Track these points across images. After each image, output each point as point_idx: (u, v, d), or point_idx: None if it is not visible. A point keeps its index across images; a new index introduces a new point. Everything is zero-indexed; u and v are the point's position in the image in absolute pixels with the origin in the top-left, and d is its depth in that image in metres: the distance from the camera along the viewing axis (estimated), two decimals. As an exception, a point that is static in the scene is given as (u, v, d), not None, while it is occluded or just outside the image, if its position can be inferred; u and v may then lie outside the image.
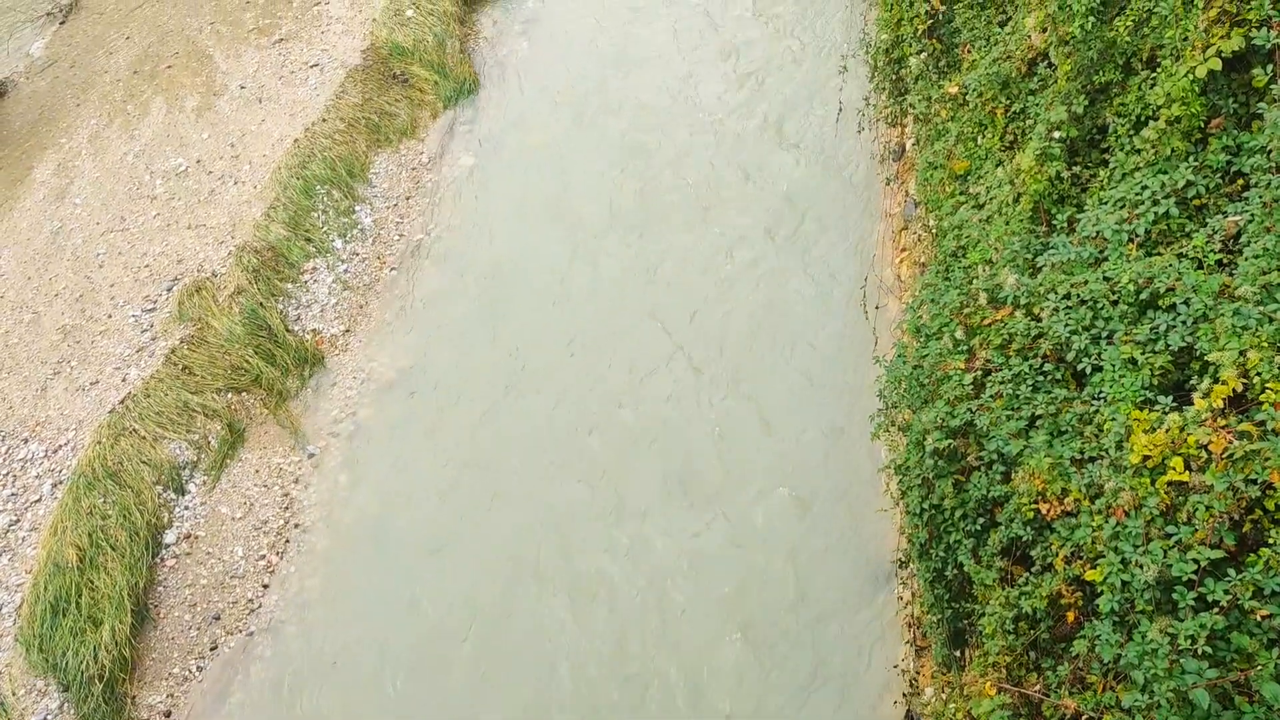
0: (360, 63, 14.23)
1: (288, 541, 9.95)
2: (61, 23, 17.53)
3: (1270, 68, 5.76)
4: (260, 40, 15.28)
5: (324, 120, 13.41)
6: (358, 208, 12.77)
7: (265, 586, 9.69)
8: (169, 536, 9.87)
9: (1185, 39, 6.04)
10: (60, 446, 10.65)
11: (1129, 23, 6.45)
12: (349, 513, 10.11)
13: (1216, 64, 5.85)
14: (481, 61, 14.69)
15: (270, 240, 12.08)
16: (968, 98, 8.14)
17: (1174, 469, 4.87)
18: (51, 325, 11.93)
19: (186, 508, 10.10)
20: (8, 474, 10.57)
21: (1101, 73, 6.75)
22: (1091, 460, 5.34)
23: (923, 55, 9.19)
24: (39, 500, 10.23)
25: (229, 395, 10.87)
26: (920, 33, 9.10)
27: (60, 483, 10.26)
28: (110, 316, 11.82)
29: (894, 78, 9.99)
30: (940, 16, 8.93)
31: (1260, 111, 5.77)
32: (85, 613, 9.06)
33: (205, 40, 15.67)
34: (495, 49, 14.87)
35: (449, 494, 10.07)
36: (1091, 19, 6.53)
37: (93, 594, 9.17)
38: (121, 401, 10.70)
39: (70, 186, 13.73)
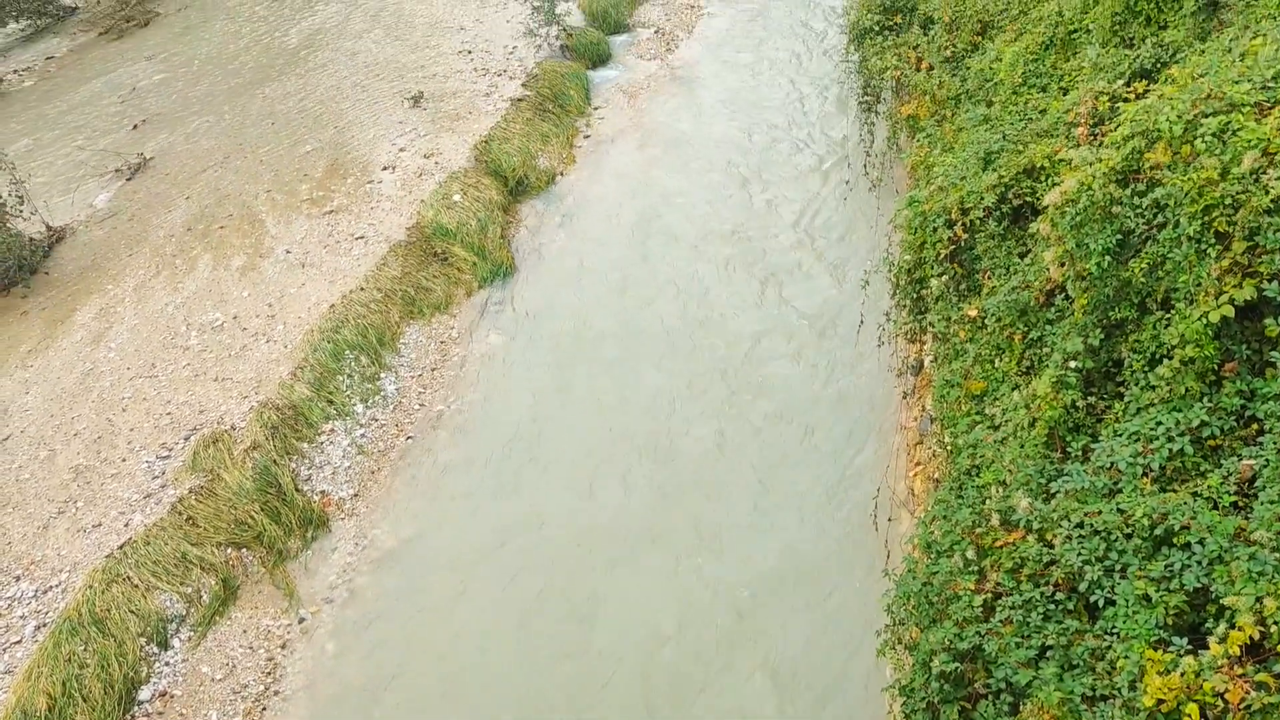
0: (404, 239, 14.85)
1: (264, 709, 9.57)
2: (128, 179, 18.54)
3: (1282, 318, 5.91)
4: (312, 210, 16.03)
5: (362, 289, 13.87)
6: (383, 375, 13.01)
7: (234, 756, 9.26)
8: (144, 693, 9.52)
9: (1198, 284, 6.24)
10: (51, 587, 10.47)
11: (1144, 265, 6.68)
12: (332, 684, 9.76)
13: (1229, 311, 6.01)
14: (520, 248, 15.30)
15: (293, 399, 12.26)
16: (986, 321, 8.36)
17: (1189, 716, 4.68)
18: (65, 464, 11.98)
19: (167, 663, 9.79)
20: (-7, 611, 10.36)
21: (1117, 309, 6.95)
22: (1103, 699, 5.14)
23: (944, 278, 9.50)
24: (19, 642, 9.96)
25: (229, 550, 10.75)
26: (942, 256, 9.44)
27: (44, 625, 10.02)
28: (124, 460, 11.88)
29: (915, 296, 10.29)
30: (962, 243, 9.29)
31: (1274, 360, 5.88)
32: (44, 767, 8.65)
33: (260, 206, 16.46)
34: (534, 237, 15.51)
35: (436, 676, 9.73)
36: (1107, 258, 6.78)
37: (55, 747, 8.79)
38: (120, 547, 10.59)
39: (109, 331, 14.12)
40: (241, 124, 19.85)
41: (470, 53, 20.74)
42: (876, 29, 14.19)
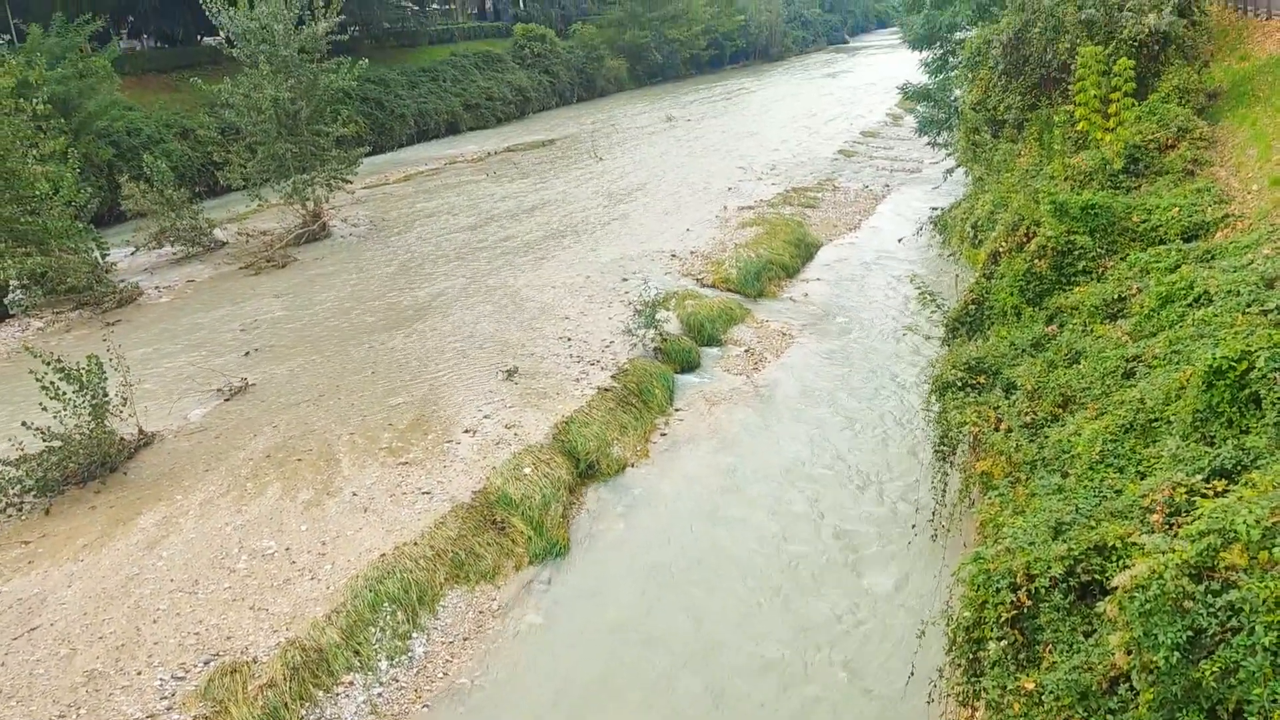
0: (468, 501, 15.05)
1: None
2: (226, 399, 19.49)
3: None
4: (387, 459, 16.48)
5: (415, 544, 13.92)
6: (415, 635, 12.74)
7: None
8: None
9: (1274, 701, 5.88)
10: (24, 796, 9.98)
11: (1215, 668, 6.35)
12: None
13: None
14: (577, 530, 15.32)
15: (321, 642, 12.02)
16: (1044, 698, 7.91)
17: None
18: (82, 666, 11.76)
19: None
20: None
21: (1185, 712, 6.53)
22: None
23: (1003, 642, 9.12)
24: None
25: (213, 792, 10.19)
26: (1003, 620, 9.11)
27: (4, 837, 9.46)
28: (140, 674, 11.62)
29: (971, 657, 9.84)
30: (1025, 610, 8.99)
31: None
32: None
33: (339, 446, 17.01)
34: (594, 522, 15.56)
35: None
36: (1176, 654, 6.47)
37: None
38: (107, 766, 10.14)
39: (165, 540, 14.31)
40: (343, 368, 20.98)
41: (570, 340, 21.90)
42: (959, 385, 14.57)
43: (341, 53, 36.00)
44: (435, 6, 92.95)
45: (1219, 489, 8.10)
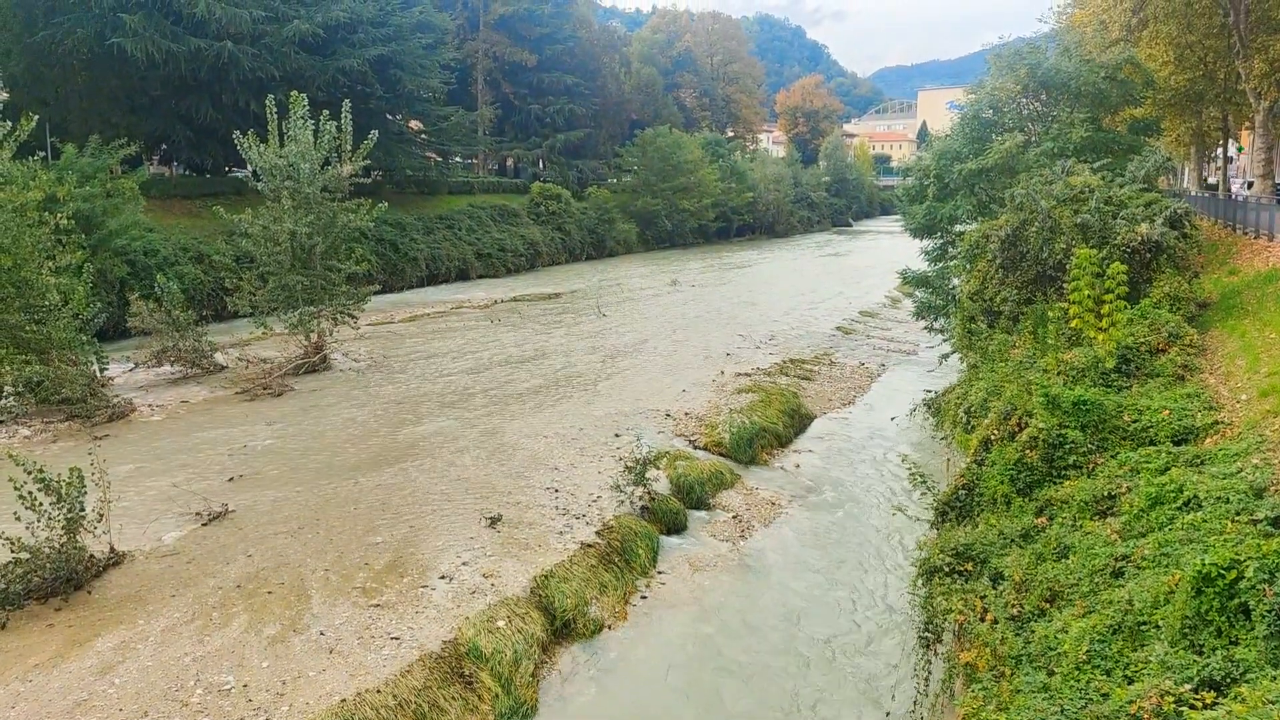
0: (437, 651, 14.57)
1: None
2: (204, 524, 19.18)
3: None
4: (359, 599, 16.06)
5: (378, 691, 13.40)
6: (366, 791, 12.11)
7: None
8: None
9: None
10: None
11: None
12: None
13: None
14: (547, 691, 14.77)
15: (267, 791, 11.41)
16: None
17: None
18: (11, 796, 11.14)
19: None
20: None
21: None
22: None
23: None
24: None
25: None
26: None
27: None
28: (71, 809, 10.98)
29: None
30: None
31: None
32: None
33: (313, 582, 16.61)
34: (565, 684, 15.02)
35: None
36: None
37: None
38: None
39: (120, 665, 13.78)
40: (326, 502, 20.73)
41: (557, 491, 21.73)
42: (946, 570, 14.38)
43: (363, 194, 37.26)
44: (458, 160, 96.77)
45: (1208, 700, 7.90)
